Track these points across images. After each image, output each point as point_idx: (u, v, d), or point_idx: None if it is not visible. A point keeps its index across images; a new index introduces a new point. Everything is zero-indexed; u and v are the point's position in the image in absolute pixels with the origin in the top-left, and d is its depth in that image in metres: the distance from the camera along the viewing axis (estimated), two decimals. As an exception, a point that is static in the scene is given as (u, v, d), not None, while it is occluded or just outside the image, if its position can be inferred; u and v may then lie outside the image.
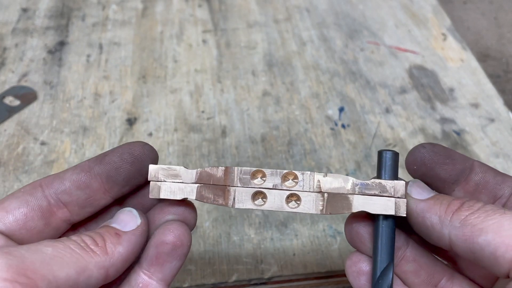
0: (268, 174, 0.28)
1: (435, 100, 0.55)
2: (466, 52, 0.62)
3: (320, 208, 0.27)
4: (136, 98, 0.54)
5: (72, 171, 0.28)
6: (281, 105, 0.54)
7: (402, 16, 0.67)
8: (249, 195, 0.27)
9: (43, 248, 0.22)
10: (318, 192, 0.27)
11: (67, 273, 0.22)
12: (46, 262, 0.21)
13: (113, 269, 0.24)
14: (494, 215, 0.23)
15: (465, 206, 0.24)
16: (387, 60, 0.60)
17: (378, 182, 0.27)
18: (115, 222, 0.26)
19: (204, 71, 0.58)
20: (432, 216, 0.25)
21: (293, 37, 0.63)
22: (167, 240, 0.26)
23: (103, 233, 0.25)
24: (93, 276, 0.23)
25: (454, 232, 0.24)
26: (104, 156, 0.28)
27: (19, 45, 0.60)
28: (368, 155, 0.49)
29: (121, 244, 0.25)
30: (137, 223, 0.26)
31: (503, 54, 0.94)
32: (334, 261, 0.40)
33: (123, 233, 0.26)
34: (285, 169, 0.47)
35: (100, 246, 0.24)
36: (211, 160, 0.48)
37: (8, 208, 0.26)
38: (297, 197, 0.27)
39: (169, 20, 0.65)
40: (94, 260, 0.23)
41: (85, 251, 0.23)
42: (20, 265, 0.20)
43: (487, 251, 0.22)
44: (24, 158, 0.47)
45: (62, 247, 0.23)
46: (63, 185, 0.27)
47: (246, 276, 0.39)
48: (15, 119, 0.51)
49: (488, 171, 0.28)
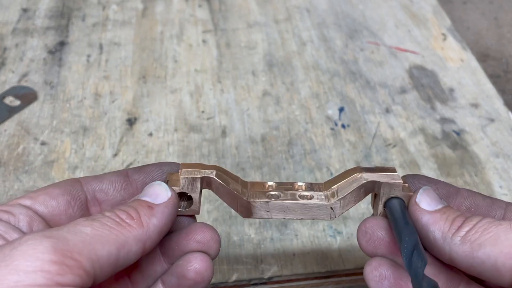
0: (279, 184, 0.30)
1: (435, 100, 0.55)
2: (466, 52, 0.62)
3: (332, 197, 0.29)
4: (136, 98, 0.54)
5: (112, 174, 0.29)
6: (281, 105, 0.54)
7: (402, 16, 0.67)
8: (263, 194, 0.29)
9: (82, 228, 0.22)
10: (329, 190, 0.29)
11: (108, 250, 0.22)
12: (87, 242, 0.22)
13: (150, 241, 0.25)
14: (490, 228, 0.24)
15: (466, 223, 0.25)
16: (387, 60, 0.60)
17: (380, 167, 0.29)
18: (146, 195, 0.27)
19: (204, 71, 0.58)
20: (435, 231, 0.25)
21: (293, 37, 0.63)
22: (188, 275, 0.27)
23: (136, 206, 0.25)
24: (132, 250, 0.24)
25: (454, 249, 0.24)
26: (142, 167, 0.29)
27: (19, 45, 0.60)
28: (368, 155, 0.49)
29: (155, 216, 0.25)
30: (168, 195, 0.27)
31: (503, 54, 0.94)
32: (334, 261, 0.40)
33: (155, 205, 0.26)
34: (285, 169, 0.47)
35: (136, 219, 0.24)
36: (211, 160, 0.48)
37: (52, 194, 0.26)
38: (309, 196, 0.29)
39: (169, 20, 0.65)
40: (132, 234, 0.24)
41: (122, 226, 0.24)
42: (65, 247, 0.21)
43: (488, 264, 0.23)
44: (24, 158, 0.47)
45: (99, 225, 0.23)
46: (101, 184, 0.28)
47: (246, 276, 0.39)
48: (15, 119, 0.51)
49: (476, 195, 0.29)
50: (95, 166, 0.47)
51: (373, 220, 0.29)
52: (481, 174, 0.48)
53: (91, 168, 0.47)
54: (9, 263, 0.19)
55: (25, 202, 0.26)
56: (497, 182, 0.47)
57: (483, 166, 0.48)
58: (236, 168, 0.47)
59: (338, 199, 0.28)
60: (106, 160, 0.47)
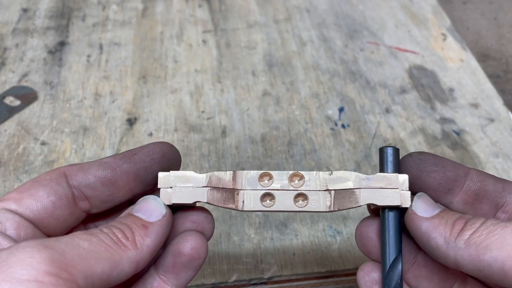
0: (274, 175, 0.28)
1: (435, 100, 0.55)
2: (466, 52, 0.62)
3: (328, 205, 0.28)
4: (136, 98, 0.54)
5: (98, 167, 0.27)
6: (281, 105, 0.54)
7: (402, 16, 0.67)
8: (257, 197, 0.28)
9: (80, 242, 0.22)
10: (325, 190, 0.28)
11: (102, 268, 0.22)
12: (83, 257, 0.21)
13: (142, 262, 0.25)
14: (496, 230, 0.23)
15: (468, 225, 0.24)
16: (387, 60, 0.60)
17: (382, 175, 0.28)
18: (140, 211, 0.26)
19: (204, 71, 0.58)
20: (437, 237, 0.25)
21: (293, 37, 0.63)
22: (184, 251, 0.27)
23: (131, 225, 0.25)
24: (124, 270, 0.23)
25: (459, 253, 0.24)
26: (133, 155, 0.28)
27: (20, 45, 0.60)
28: (368, 155, 0.49)
29: (148, 236, 0.25)
30: (162, 213, 0.26)
31: (503, 54, 0.94)
32: (334, 261, 0.40)
33: (149, 224, 0.26)
34: (285, 169, 0.47)
35: (131, 240, 0.24)
36: (211, 160, 0.48)
37: (37, 196, 0.26)
38: (305, 196, 0.28)
39: (169, 20, 0.65)
40: (126, 255, 0.24)
41: (117, 246, 0.23)
42: (62, 260, 0.20)
43: (495, 268, 0.22)
44: (25, 158, 0.47)
45: (96, 241, 0.23)
46: (87, 179, 0.27)
47: (246, 276, 0.39)
48: (16, 119, 0.51)
49: (487, 178, 0.27)
50: (95, 166, 0.47)
51: (369, 224, 0.28)
52: (481, 174, 0.48)
53: (91, 168, 0.47)
54: (4, 269, 0.19)
55: (10, 206, 0.25)
56: (497, 182, 0.47)
57: (483, 166, 0.48)
58: (236, 168, 0.47)
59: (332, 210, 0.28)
60: (106, 160, 0.47)
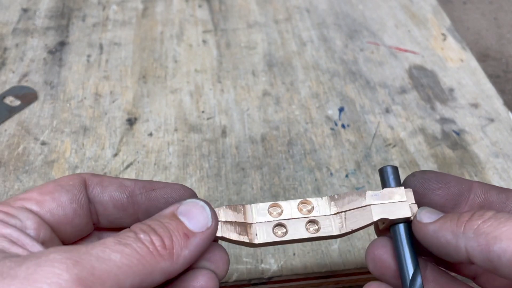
0: (283, 205, 0.28)
1: (435, 100, 0.55)
2: (466, 52, 0.62)
3: (340, 227, 0.28)
4: (136, 98, 0.54)
5: (117, 188, 0.27)
6: (281, 105, 0.54)
7: (402, 16, 0.67)
8: (270, 228, 0.28)
9: (112, 255, 0.21)
10: (336, 214, 0.28)
11: (132, 281, 0.21)
12: (113, 273, 0.20)
13: (175, 273, 0.23)
14: (506, 221, 0.23)
15: (475, 216, 0.24)
16: (387, 60, 0.60)
17: (389, 190, 0.28)
18: (186, 215, 0.25)
19: (204, 71, 0.58)
20: (445, 234, 0.25)
21: (293, 37, 0.63)
22: None
23: (173, 232, 0.23)
24: (155, 281, 0.22)
25: (469, 243, 0.23)
26: (151, 189, 0.27)
27: (20, 45, 0.60)
28: (368, 155, 0.49)
29: (187, 248, 0.24)
30: (207, 224, 0.25)
31: (503, 54, 0.94)
32: (334, 261, 0.40)
33: (192, 234, 0.24)
34: (285, 169, 0.47)
35: (168, 249, 0.23)
36: (211, 160, 0.48)
37: (60, 201, 0.25)
38: (316, 222, 0.28)
39: (169, 20, 0.65)
40: (160, 266, 0.22)
41: (152, 256, 0.22)
42: (90, 277, 0.19)
43: (504, 259, 0.22)
44: (25, 158, 0.47)
45: (129, 253, 0.21)
46: (102, 197, 0.26)
47: (246, 276, 0.39)
48: (16, 119, 0.51)
49: (490, 190, 0.28)
50: (95, 166, 0.47)
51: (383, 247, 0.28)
52: (481, 174, 0.48)
53: (91, 168, 0.47)
54: (31, 282, 0.19)
55: (32, 207, 0.24)
56: (497, 182, 0.47)
57: (483, 166, 0.48)
58: (236, 168, 0.47)
59: (346, 232, 0.28)
60: (106, 160, 0.48)
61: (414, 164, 0.48)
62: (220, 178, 0.46)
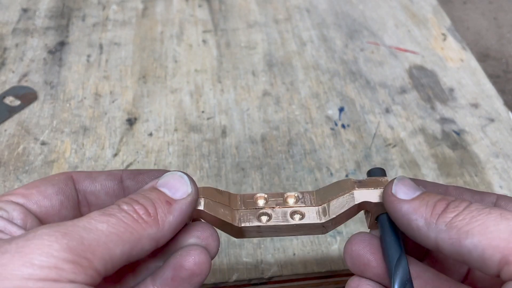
0: (269, 197, 0.29)
1: (435, 100, 0.55)
2: (466, 52, 0.62)
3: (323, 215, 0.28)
4: (136, 98, 0.54)
5: (106, 176, 0.28)
6: (281, 105, 0.54)
7: (402, 16, 0.67)
8: (254, 215, 0.28)
9: (98, 225, 0.22)
10: (321, 205, 0.28)
11: (122, 249, 0.22)
12: (102, 241, 0.21)
13: (163, 239, 0.24)
14: (479, 216, 0.23)
15: (450, 207, 0.24)
16: (387, 60, 0.60)
17: (373, 178, 0.29)
18: (165, 186, 0.26)
19: (204, 71, 0.58)
20: (418, 219, 0.24)
21: (293, 37, 0.63)
22: (186, 265, 0.25)
23: (155, 201, 0.24)
24: (144, 248, 0.23)
25: (440, 236, 0.23)
26: (138, 174, 0.28)
27: (20, 45, 0.60)
28: (368, 155, 0.49)
29: (171, 213, 0.24)
30: (188, 191, 0.26)
31: (503, 54, 0.94)
32: (334, 261, 0.40)
33: (173, 201, 0.25)
34: (285, 169, 0.47)
35: (153, 216, 0.24)
36: (211, 160, 0.48)
37: (46, 193, 0.26)
38: (301, 212, 0.28)
39: (169, 20, 0.65)
40: (147, 232, 0.23)
41: (138, 224, 0.23)
42: (80, 247, 0.20)
43: (475, 254, 0.22)
44: (25, 158, 0.47)
45: (115, 222, 0.22)
46: (93, 186, 0.27)
47: (246, 276, 0.39)
48: (16, 119, 0.51)
49: (465, 192, 0.28)
50: (95, 166, 0.47)
51: (360, 242, 0.27)
52: (481, 174, 0.48)
53: (91, 168, 0.47)
54: (23, 255, 0.19)
55: (18, 200, 0.25)
56: (497, 182, 0.47)
57: (483, 166, 0.48)
58: (236, 168, 0.47)
59: (330, 219, 0.28)
60: (106, 160, 0.47)
61: (414, 164, 0.48)
62: (220, 178, 0.46)
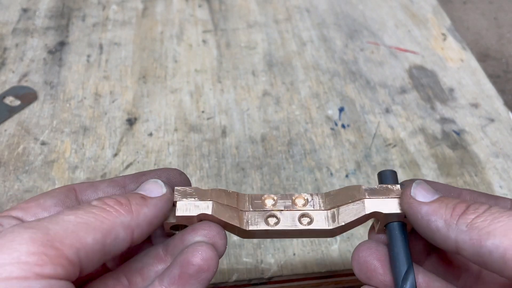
0: (278, 198, 0.28)
1: (435, 100, 0.55)
2: (466, 52, 0.62)
3: (332, 221, 0.27)
4: (136, 98, 0.54)
5: (108, 184, 0.28)
6: (281, 105, 0.54)
7: (402, 16, 0.67)
8: (262, 218, 0.28)
9: (65, 217, 0.22)
10: (330, 209, 0.28)
11: (93, 237, 0.22)
12: (70, 230, 0.21)
13: (139, 230, 0.24)
14: (501, 217, 0.23)
15: (471, 209, 0.24)
16: (387, 60, 0.60)
17: (385, 186, 0.28)
18: (141, 190, 0.26)
19: (204, 71, 0.58)
20: (437, 220, 0.24)
21: (293, 37, 0.63)
22: (194, 261, 0.25)
23: (128, 196, 0.25)
24: (119, 236, 0.23)
25: (461, 236, 0.23)
26: (141, 176, 0.28)
27: (20, 45, 0.60)
28: (368, 155, 0.49)
29: (146, 206, 0.25)
30: (162, 191, 0.26)
31: (503, 54, 0.94)
32: (334, 261, 0.40)
33: (148, 197, 0.25)
34: (285, 169, 0.47)
35: (125, 205, 0.24)
36: (211, 160, 0.48)
37: (44, 205, 0.26)
38: (309, 216, 0.28)
39: (169, 20, 0.65)
40: (119, 220, 0.23)
41: (108, 212, 0.23)
42: (45, 237, 0.20)
43: (495, 255, 0.22)
44: (25, 158, 0.47)
45: (83, 213, 0.22)
46: (96, 195, 0.27)
47: (246, 276, 0.39)
48: (16, 119, 0.51)
49: (479, 197, 0.28)
50: (95, 166, 0.47)
51: (368, 249, 0.27)
52: (481, 174, 0.48)
53: (91, 168, 0.47)
54: None
55: (17, 214, 0.25)
56: (497, 182, 0.47)
57: (483, 166, 0.48)
58: (236, 168, 0.47)
59: (339, 226, 0.27)
60: (106, 160, 0.47)
61: (414, 164, 0.48)
62: (220, 178, 0.46)
